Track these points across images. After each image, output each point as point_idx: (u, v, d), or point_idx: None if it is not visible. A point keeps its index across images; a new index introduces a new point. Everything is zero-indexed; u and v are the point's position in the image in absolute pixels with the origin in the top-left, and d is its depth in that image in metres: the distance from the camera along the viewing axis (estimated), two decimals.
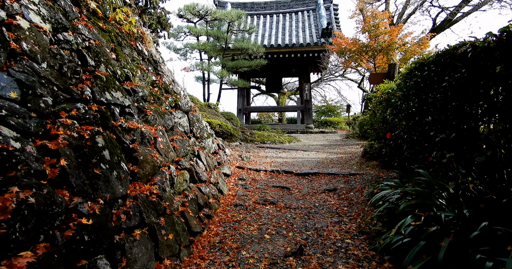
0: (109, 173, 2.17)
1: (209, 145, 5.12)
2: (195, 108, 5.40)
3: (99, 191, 2.01)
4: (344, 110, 26.82)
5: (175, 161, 3.63)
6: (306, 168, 5.96)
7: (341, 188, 4.67)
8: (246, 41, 12.75)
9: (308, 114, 16.82)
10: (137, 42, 4.37)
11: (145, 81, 4.03)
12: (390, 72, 6.72)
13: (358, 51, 8.46)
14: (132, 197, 2.32)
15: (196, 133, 4.86)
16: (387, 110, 5.35)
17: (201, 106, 10.75)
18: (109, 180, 2.14)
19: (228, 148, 7.52)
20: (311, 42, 15.11)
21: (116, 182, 2.21)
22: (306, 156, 7.51)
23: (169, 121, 3.99)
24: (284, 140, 10.90)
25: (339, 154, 7.66)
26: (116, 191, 2.17)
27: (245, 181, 5.09)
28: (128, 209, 2.17)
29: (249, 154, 7.25)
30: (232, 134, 9.52)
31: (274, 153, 7.85)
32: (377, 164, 5.64)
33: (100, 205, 1.92)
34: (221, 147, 5.81)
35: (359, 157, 6.64)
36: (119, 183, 2.25)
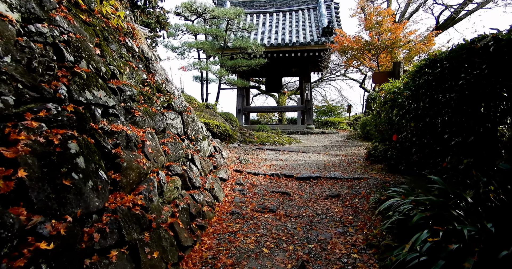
0: (82, 184, 1.88)
1: (205, 148, 4.83)
2: (190, 109, 5.11)
3: (68, 206, 1.71)
4: (345, 110, 26.54)
5: (165, 166, 3.34)
6: (307, 171, 5.67)
7: (345, 194, 4.37)
8: (245, 39, 12.47)
9: (309, 114, 16.53)
10: (127, 37, 4.09)
11: (135, 79, 3.74)
12: (394, 70, 6.43)
13: (360, 49, 8.16)
14: (110, 211, 2.03)
15: (191, 135, 4.57)
16: (393, 111, 5.06)
17: (198, 106, 10.46)
18: (82, 192, 1.85)
19: (226, 150, 7.23)
20: (312, 41, 14.82)
21: (91, 194, 1.92)
22: (307, 158, 7.22)
23: (160, 122, 3.70)
24: (284, 141, 10.61)
25: (341, 156, 7.37)
26: (91, 205, 1.88)
27: (243, 186, 4.80)
28: (104, 226, 1.88)
29: (247, 157, 6.97)
30: (231, 135, 9.23)
31: (274, 155, 7.56)
32: (382, 168, 5.35)
33: (67, 224, 1.63)
34: (218, 150, 5.52)
35: (363, 160, 6.35)
36: (95, 195, 1.96)
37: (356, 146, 9.58)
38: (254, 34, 16.11)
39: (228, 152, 7.14)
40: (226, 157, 5.78)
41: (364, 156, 6.69)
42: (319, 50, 14.70)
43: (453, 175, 2.95)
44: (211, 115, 10.27)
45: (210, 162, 4.74)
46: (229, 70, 16.75)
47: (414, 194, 3.21)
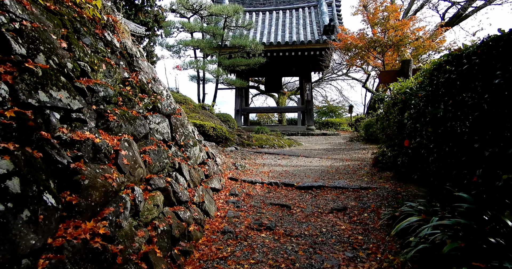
0: (11, 216, 1.40)
1: (196, 155, 4.35)
2: (180, 111, 4.63)
3: None
4: (346, 111, 26.07)
5: (145, 179, 2.86)
6: (309, 179, 5.19)
7: (352, 206, 3.89)
8: (244, 38, 11.99)
9: (309, 115, 16.06)
10: (106, 31, 3.60)
11: (112, 78, 3.26)
12: (403, 69, 5.96)
13: (365, 47, 7.69)
14: (54, 250, 1.55)
15: (180, 141, 4.09)
16: (404, 113, 4.58)
17: (194, 107, 9.98)
18: (9, 228, 1.37)
19: (222, 155, 6.75)
20: (313, 39, 14.36)
21: (24, 229, 1.43)
22: (309, 163, 6.74)
23: (142, 127, 3.22)
24: (284, 144, 10.13)
25: (345, 161, 6.89)
26: (21, 246, 1.40)
27: (238, 197, 4.32)
28: None
29: (244, 162, 6.48)
30: (227, 138, 8.75)
31: (273, 160, 7.08)
32: (391, 176, 4.87)
33: None
34: (211, 156, 5.03)
35: (369, 166, 5.86)
36: (32, 229, 1.48)
37: (359, 149, 9.10)
38: (253, 32, 15.64)
39: (224, 157, 6.66)
40: (221, 164, 5.30)
41: (371, 161, 6.21)
42: (320, 49, 14.23)
43: (486, 192, 2.47)
44: (207, 116, 9.79)
45: (201, 171, 4.26)
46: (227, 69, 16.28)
47: (436, 213, 2.73)
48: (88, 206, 1.94)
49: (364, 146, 9.84)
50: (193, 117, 9.30)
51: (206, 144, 6.98)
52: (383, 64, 7.77)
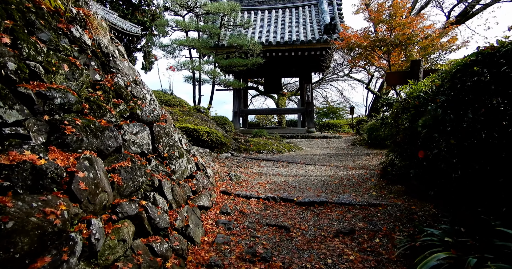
0: None
1: (182, 168, 3.82)
2: (166, 117, 4.11)
3: None
4: (346, 112, 25.57)
5: (111, 206, 2.34)
6: (311, 193, 4.66)
7: (360, 229, 3.37)
8: (242, 37, 11.48)
9: (310, 117, 15.55)
10: (73, 26, 3.08)
11: (78, 81, 2.74)
12: (413, 70, 5.44)
13: (370, 46, 7.18)
14: None
15: (163, 152, 3.57)
16: (417, 120, 4.06)
17: (188, 110, 9.46)
18: None
19: (215, 163, 6.23)
20: (313, 39, 13.85)
21: None
22: (309, 172, 6.22)
23: (112, 140, 2.69)
24: (283, 148, 9.61)
25: (349, 169, 6.37)
26: None
27: (230, 216, 3.79)
28: None
29: (240, 171, 5.96)
30: (223, 143, 8.23)
31: (271, 168, 6.55)
32: (403, 190, 4.34)
33: None
34: (201, 167, 4.50)
35: (377, 177, 5.34)
36: None
37: (363, 155, 8.57)
38: (251, 32, 15.13)
39: (218, 165, 6.14)
40: (212, 175, 4.77)
41: (378, 171, 5.69)
42: (320, 49, 13.73)
43: None
44: (202, 119, 9.27)
45: (188, 186, 3.73)
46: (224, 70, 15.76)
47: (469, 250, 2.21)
48: (10, 260, 1.41)
49: (368, 151, 9.32)
50: (187, 120, 8.79)
51: (199, 151, 6.47)
52: (388, 65, 7.25)
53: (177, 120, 8.70)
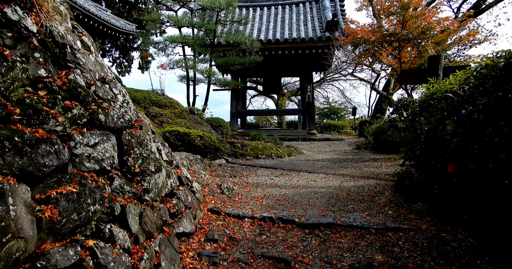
0: None
1: (159, 184, 3.13)
2: (141, 122, 3.42)
3: None
4: (348, 113, 24.89)
5: (28, 257, 1.64)
6: (315, 211, 3.97)
7: (379, 264, 2.67)
8: (238, 34, 10.78)
9: (311, 118, 14.86)
10: (10, 6, 2.39)
11: (5, 77, 2.05)
12: (431, 67, 4.75)
13: (378, 41, 6.47)
14: None
15: (133, 167, 2.88)
16: (445, 126, 3.37)
17: (180, 112, 8.76)
18: None
19: (206, 172, 5.54)
20: (314, 36, 13.16)
21: None
22: (312, 183, 5.52)
23: (51, 156, 2.00)
24: (282, 153, 8.92)
25: (356, 179, 5.68)
26: None
27: (217, 243, 3.10)
28: None
29: (233, 181, 5.26)
30: (217, 147, 7.54)
31: (269, 177, 5.85)
32: (426, 210, 3.64)
33: None
34: (186, 181, 3.80)
35: (390, 190, 4.64)
36: None
37: (370, 160, 7.88)
38: (249, 29, 14.45)
39: (209, 175, 5.44)
40: (200, 189, 4.06)
41: (390, 183, 5.01)
42: (322, 47, 13.05)
43: None
44: (195, 122, 8.57)
45: (165, 208, 3.03)
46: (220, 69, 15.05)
47: None
48: None
49: (375, 155, 8.62)
50: (178, 123, 8.09)
51: (189, 158, 5.77)
52: (399, 62, 6.54)
53: (168, 123, 8.01)
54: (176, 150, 6.86)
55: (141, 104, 8.59)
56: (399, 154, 8.58)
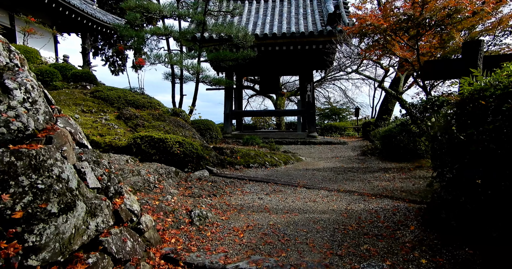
0: None
1: (65, 234, 1.97)
2: (54, 133, 2.27)
3: None
4: (351, 113, 23.73)
5: None
6: (314, 255, 2.82)
7: None
8: (230, 25, 9.64)
9: (311, 119, 13.72)
10: None
11: None
12: (467, 56, 3.61)
13: (392, 29, 5.32)
14: None
15: (11, 210, 1.72)
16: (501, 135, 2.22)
17: (160, 114, 7.62)
18: None
19: (178, 190, 4.40)
20: (315, 30, 12.03)
21: None
22: (311, 204, 4.37)
23: None
24: (278, 160, 7.77)
25: (367, 199, 4.53)
26: None
27: None
28: None
29: (211, 203, 4.11)
30: (200, 156, 6.39)
31: (257, 196, 4.71)
32: (480, 263, 2.47)
33: None
34: (129, 216, 2.64)
35: (416, 221, 3.47)
36: None
37: (380, 170, 6.73)
38: (245, 23, 13.31)
39: (181, 195, 4.29)
40: (152, 225, 2.89)
41: (413, 208, 3.86)
42: (323, 42, 11.91)
43: None
44: (177, 125, 7.42)
45: None
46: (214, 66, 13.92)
47: None
48: None
49: (384, 164, 7.48)
50: (156, 127, 6.94)
51: (158, 171, 4.63)
52: (417, 54, 5.38)
53: (144, 127, 6.87)
54: (149, 160, 5.72)
55: (114, 105, 7.45)
56: (412, 162, 7.43)
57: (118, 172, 4.22)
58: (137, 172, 4.41)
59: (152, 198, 3.69)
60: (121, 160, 4.97)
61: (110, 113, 7.10)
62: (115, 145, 5.83)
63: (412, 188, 5.16)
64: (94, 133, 6.00)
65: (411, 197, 4.63)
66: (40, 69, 7.57)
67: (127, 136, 6.16)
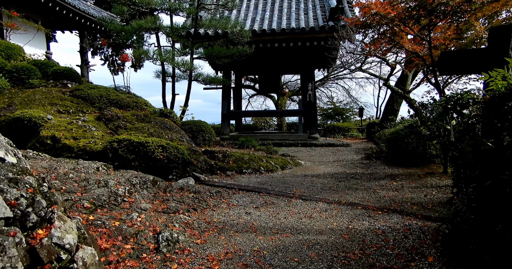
0: None
1: None
2: None
3: None
4: (354, 114, 23.01)
5: None
6: None
7: None
8: (225, 20, 9.01)
9: (312, 120, 13.06)
10: None
11: None
12: (496, 44, 2.95)
13: (400, 18, 4.66)
14: None
15: None
16: None
17: (145, 115, 7.00)
18: None
19: (152, 204, 3.78)
20: (316, 26, 11.39)
21: None
22: (307, 221, 3.72)
23: None
24: (275, 165, 7.13)
25: (372, 213, 3.88)
26: None
27: None
28: None
29: (187, 221, 3.47)
30: (187, 161, 5.77)
31: (245, 211, 4.07)
32: None
33: None
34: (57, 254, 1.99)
35: (434, 249, 2.81)
36: None
37: (386, 177, 6.06)
38: (243, 18, 12.69)
39: (151, 211, 3.66)
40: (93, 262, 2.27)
41: (429, 228, 3.19)
42: (325, 38, 11.24)
43: None
44: (163, 127, 6.81)
45: None
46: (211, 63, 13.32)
47: None
48: None
49: (391, 170, 6.80)
50: (140, 129, 6.33)
51: (131, 181, 4.02)
52: (429, 46, 4.70)
53: (126, 129, 6.26)
54: (127, 166, 5.11)
55: (96, 104, 6.85)
56: (422, 168, 6.75)
57: (77, 185, 3.61)
58: (104, 183, 3.79)
59: (112, 217, 3.06)
60: (91, 168, 4.36)
61: (89, 114, 6.50)
62: (90, 150, 5.23)
63: (424, 200, 4.49)
64: (68, 136, 5.39)
65: (424, 211, 3.97)
66: (15, 66, 7.00)
67: (105, 140, 5.55)
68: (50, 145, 5.25)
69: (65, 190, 3.41)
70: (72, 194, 3.35)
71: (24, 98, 6.39)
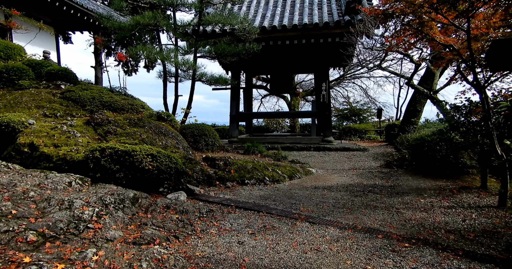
0: None
1: None
2: None
3: None
4: (372, 115, 21.81)
5: None
6: None
7: None
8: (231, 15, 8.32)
9: (326, 122, 12.19)
10: None
11: None
12: None
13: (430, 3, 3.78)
14: None
15: None
16: None
17: (139, 119, 6.39)
18: None
19: (120, 232, 3.14)
20: (331, 21, 10.51)
21: None
22: (313, 256, 2.95)
23: None
24: (281, 174, 6.37)
25: (396, 246, 3.07)
26: None
27: None
28: None
29: (161, 257, 2.77)
30: (181, 171, 5.09)
31: (238, 239, 3.33)
32: None
33: None
34: None
35: None
36: None
37: (411, 192, 5.18)
38: (253, 15, 11.98)
39: (119, 242, 2.99)
40: None
41: None
42: (340, 34, 10.33)
43: None
44: (158, 132, 6.17)
45: None
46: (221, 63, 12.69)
47: None
48: None
49: (416, 181, 5.90)
50: (131, 134, 5.73)
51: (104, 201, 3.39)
52: (468, 37, 3.82)
53: (116, 134, 5.67)
54: (110, 179, 4.49)
55: (87, 107, 6.31)
56: (454, 180, 5.83)
57: (35, 206, 2.98)
58: (68, 204, 3.16)
59: (59, 257, 2.39)
60: (61, 183, 3.75)
61: (79, 118, 5.96)
62: (70, 159, 4.65)
63: (462, 226, 3.63)
64: (48, 143, 4.84)
65: (465, 244, 3.12)
66: (6, 66, 6.57)
67: (90, 147, 4.96)
68: (27, 153, 4.71)
69: (15, 215, 2.80)
70: (21, 221, 2.73)
71: (10, 101, 5.92)
